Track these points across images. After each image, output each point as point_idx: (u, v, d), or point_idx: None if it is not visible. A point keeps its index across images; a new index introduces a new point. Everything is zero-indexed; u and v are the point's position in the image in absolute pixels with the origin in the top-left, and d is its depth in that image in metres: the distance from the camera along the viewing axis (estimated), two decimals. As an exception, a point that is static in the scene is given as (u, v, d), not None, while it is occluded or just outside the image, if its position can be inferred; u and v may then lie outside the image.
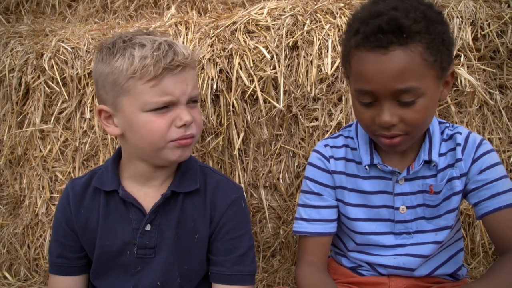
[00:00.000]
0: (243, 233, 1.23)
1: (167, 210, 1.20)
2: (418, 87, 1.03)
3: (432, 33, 1.02)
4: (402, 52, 1.01)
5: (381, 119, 1.06)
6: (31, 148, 2.05)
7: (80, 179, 1.26)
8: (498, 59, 1.88)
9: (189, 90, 1.12)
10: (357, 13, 1.11)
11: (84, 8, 2.79)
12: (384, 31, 1.00)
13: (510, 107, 1.89)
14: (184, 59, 1.09)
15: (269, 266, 1.92)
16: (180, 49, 1.10)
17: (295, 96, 1.81)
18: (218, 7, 2.47)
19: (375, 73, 1.03)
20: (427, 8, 1.05)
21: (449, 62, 1.09)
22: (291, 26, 1.85)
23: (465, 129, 1.25)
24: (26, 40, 2.18)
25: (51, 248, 1.26)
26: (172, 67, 1.08)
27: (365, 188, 1.25)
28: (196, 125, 1.16)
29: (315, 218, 1.27)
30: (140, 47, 1.08)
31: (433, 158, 1.19)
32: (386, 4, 1.04)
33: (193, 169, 1.25)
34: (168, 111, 1.10)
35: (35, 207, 2.02)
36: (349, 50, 1.10)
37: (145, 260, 1.19)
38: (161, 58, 1.07)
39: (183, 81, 1.11)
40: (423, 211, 1.23)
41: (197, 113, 1.17)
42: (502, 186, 1.16)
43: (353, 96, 1.13)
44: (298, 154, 1.86)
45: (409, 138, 1.12)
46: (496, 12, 1.89)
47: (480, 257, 1.90)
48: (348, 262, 1.33)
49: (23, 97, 2.08)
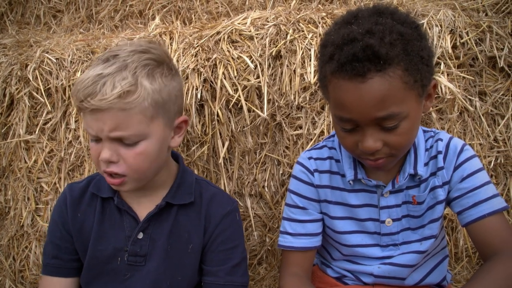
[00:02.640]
0: (236, 244, 1.24)
1: (160, 220, 1.21)
2: (400, 112, 0.99)
3: (410, 53, 0.98)
4: (380, 78, 0.96)
5: (364, 146, 1.03)
6: (16, 159, 2.04)
7: (78, 184, 1.28)
8: (477, 66, 1.92)
9: (106, 130, 1.05)
10: (330, 34, 1.06)
11: (69, 18, 2.79)
12: (359, 59, 0.95)
13: (489, 113, 1.93)
14: (99, 101, 1.02)
15: (256, 274, 1.93)
16: (104, 89, 1.03)
17: (279, 105, 1.83)
18: (202, 17, 2.49)
19: (354, 102, 0.99)
20: (402, 26, 1.00)
21: (430, 78, 1.06)
22: (274, 36, 1.88)
23: (446, 135, 1.22)
24: (10, 51, 2.17)
25: (46, 250, 1.27)
26: (82, 107, 1.05)
27: (351, 201, 1.24)
28: (125, 166, 1.09)
29: (300, 233, 1.25)
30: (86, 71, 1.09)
31: (419, 172, 1.17)
32: (360, 26, 0.99)
33: (189, 182, 1.26)
34: (98, 142, 1.10)
35: (20, 218, 2.01)
36: (325, 75, 1.06)
37: (135, 268, 1.20)
38: (76, 94, 1.05)
39: (99, 120, 1.05)
40: (408, 222, 1.22)
41: (130, 155, 1.08)
42: (484, 193, 1.13)
43: (334, 119, 1.10)
44: (283, 162, 1.87)
45: (393, 159, 1.10)
46: (474, 20, 1.93)
47: (464, 262, 1.92)
48: (333, 272, 1.33)
49: (8, 108, 2.07)
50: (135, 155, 1.08)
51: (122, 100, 1.03)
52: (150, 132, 1.10)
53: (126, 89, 1.03)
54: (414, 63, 0.98)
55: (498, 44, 1.91)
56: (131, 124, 1.06)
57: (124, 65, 1.06)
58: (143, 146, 1.09)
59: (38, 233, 1.97)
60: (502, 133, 1.92)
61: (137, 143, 1.08)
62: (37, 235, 1.97)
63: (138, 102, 1.05)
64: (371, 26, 0.98)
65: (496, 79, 1.93)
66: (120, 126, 1.05)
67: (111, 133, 1.05)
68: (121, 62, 1.06)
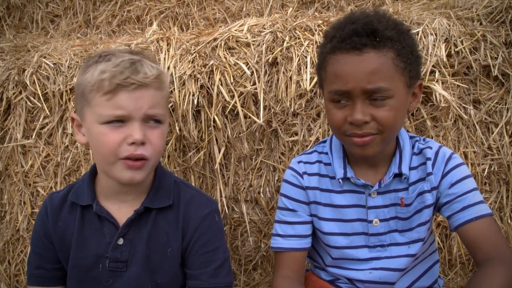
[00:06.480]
0: (217, 246, 1.25)
1: (140, 225, 1.22)
2: (389, 88, 1.10)
3: (402, 42, 1.12)
4: (375, 54, 1.10)
5: (354, 117, 1.12)
6: (12, 164, 2.04)
7: (58, 193, 1.29)
8: (472, 75, 1.94)
9: (145, 107, 1.11)
10: (333, 24, 1.21)
11: (67, 23, 2.80)
12: (358, 34, 1.09)
13: (483, 122, 1.94)
14: (143, 79, 1.10)
15: (251, 280, 1.93)
16: (143, 69, 1.11)
17: (275, 111, 1.84)
18: (200, 23, 2.50)
19: (350, 72, 1.11)
20: (398, 22, 1.16)
21: (417, 73, 1.18)
22: (271, 43, 1.89)
23: (436, 144, 1.28)
24: (8, 55, 2.18)
25: (29, 260, 1.28)
26: (126, 84, 1.09)
27: (339, 202, 1.28)
28: (151, 147, 1.14)
29: (290, 234, 1.30)
30: (106, 63, 1.11)
31: (403, 171, 1.23)
32: (361, 14, 1.15)
33: (167, 185, 1.27)
34: (121, 127, 1.11)
35: (16, 222, 2.01)
36: (324, 57, 1.18)
37: (116, 273, 1.21)
38: (117, 74, 1.08)
39: (138, 98, 1.10)
40: (396, 224, 1.26)
41: (155, 135, 1.14)
42: (472, 198, 1.19)
43: (327, 100, 1.19)
44: (278, 168, 1.88)
45: (379, 140, 1.16)
46: (469, 29, 1.95)
47: (457, 268, 1.93)
48: (327, 275, 1.35)
49: (5, 112, 2.07)
50: (159, 135, 1.16)
51: (159, 80, 1.14)
52: (166, 119, 1.20)
53: (160, 71, 1.15)
54: (405, 52, 1.12)
55: (492, 53, 1.93)
56: (162, 105, 1.17)
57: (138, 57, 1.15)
58: (164, 128, 1.19)
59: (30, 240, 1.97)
60: (496, 141, 1.93)
61: (161, 124, 1.17)
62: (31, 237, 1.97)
63: (166, 86, 1.18)
64: (372, 14, 1.15)
65: (490, 88, 1.95)
66: (156, 104, 1.14)
67: (150, 110, 1.12)
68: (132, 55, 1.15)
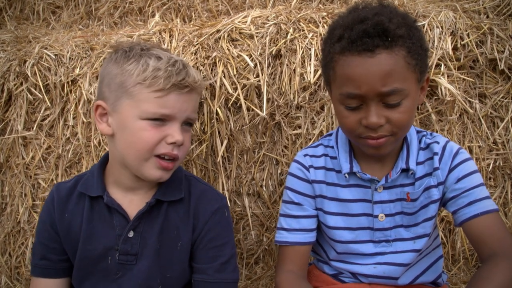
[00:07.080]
0: (226, 241, 1.24)
1: (151, 218, 1.21)
2: (403, 89, 1.06)
3: (412, 37, 1.07)
4: (388, 55, 1.04)
5: (369, 121, 1.08)
6: (13, 155, 2.03)
7: (65, 184, 1.28)
8: (478, 68, 1.92)
9: (189, 110, 1.17)
10: (338, 20, 1.14)
11: (68, 14, 2.78)
12: (370, 35, 1.04)
13: (489, 116, 1.92)
14: (194, 83, 1.16)
15: (252, 273, 1.92)
16: (192, 73, 1.17)
17: (278, 104, 1.82)
18: (202, 14, 2.48)
19: (362, 75, 1.05)
20: (405, 15, 1.11)
21: (426, 66, 1.14)
22: (275, 35, 1.87)
23: (443, 138, 1.27)
24: (9, 46, 2.16)
25: (34, 250, 1.27)
26: (181, 86, 1.14)
27: (345, 196, 1.27)
28: (183, 149, 1.19)
29: (295, 228, 1.28)
30: (156, 59, 1.14)
31: (411, 166, 1.22)
32: (368, 11, 1.09)
33: (178, 178, 1.27)
34: (163, 125, 1.14)
35: (17, 214, 2.00)
36: (332, 57, 1.12)
37: (126, 266, 1.20)
38: (174, 74, 1.13)
39: (186, 101, 1.16)
40: (402, 219, 1.25)
41: (187, 138, 1.20)
42: (479, 194, 1.18)
43: (338, 101, 1.15)
44: (281, 161, 1.87)
45: (393, 140, 1.14)
46: (475, 22, 1.93)
47: (461, 264, 1.92)
48: (330, 269, 1.34)
49: (6, 103, 2.06)
50: (189, 138, 1.23)
51: (202, 86, 1.22)
52: None
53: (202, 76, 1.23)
54: (416, 47, 1.08)
55: (498, 47, 1.90)
56: (197, 109, 1.25)
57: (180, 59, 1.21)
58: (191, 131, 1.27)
59: (35, 230, 1.96)
60: (501, 135, 1.92)
61: (191, 127, 1.25)
62: (34, 232, 1.96)
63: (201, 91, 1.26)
64: (379, 10, 1.09)
65: (496, 82, 1.93)
66: (195, 109, 1.22)
67: (191, 113, 1.19)
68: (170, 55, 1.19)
